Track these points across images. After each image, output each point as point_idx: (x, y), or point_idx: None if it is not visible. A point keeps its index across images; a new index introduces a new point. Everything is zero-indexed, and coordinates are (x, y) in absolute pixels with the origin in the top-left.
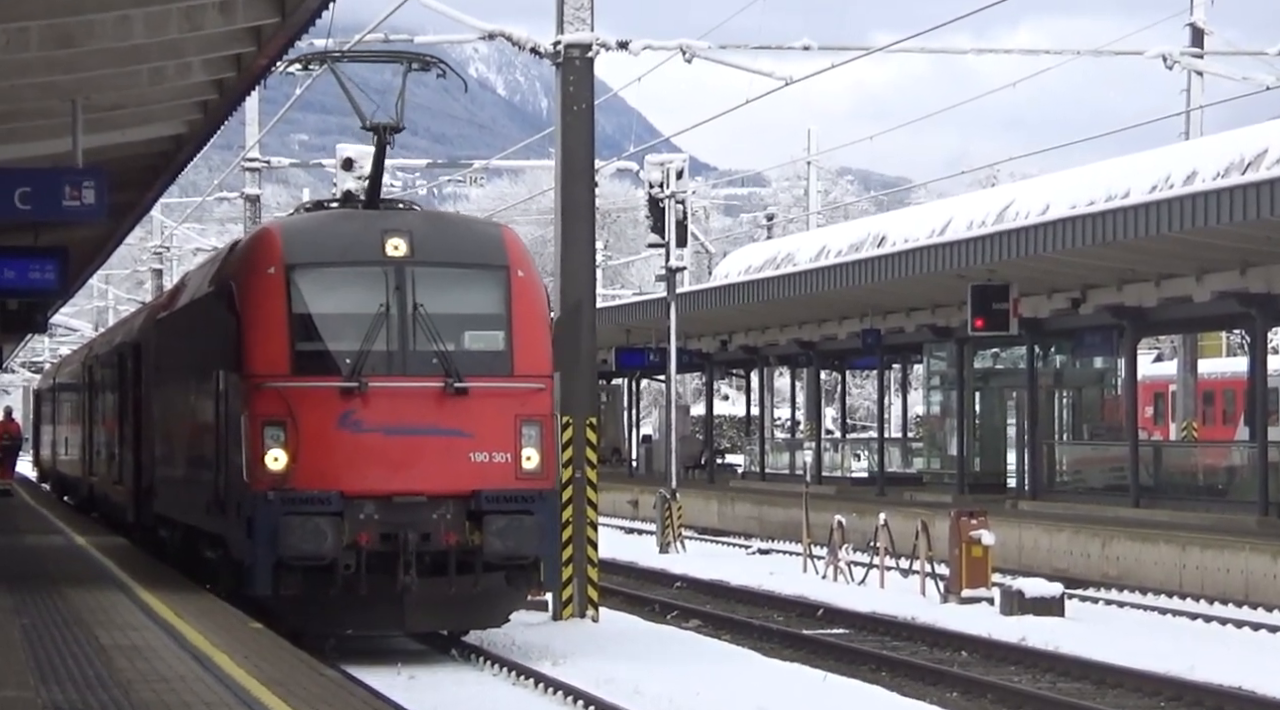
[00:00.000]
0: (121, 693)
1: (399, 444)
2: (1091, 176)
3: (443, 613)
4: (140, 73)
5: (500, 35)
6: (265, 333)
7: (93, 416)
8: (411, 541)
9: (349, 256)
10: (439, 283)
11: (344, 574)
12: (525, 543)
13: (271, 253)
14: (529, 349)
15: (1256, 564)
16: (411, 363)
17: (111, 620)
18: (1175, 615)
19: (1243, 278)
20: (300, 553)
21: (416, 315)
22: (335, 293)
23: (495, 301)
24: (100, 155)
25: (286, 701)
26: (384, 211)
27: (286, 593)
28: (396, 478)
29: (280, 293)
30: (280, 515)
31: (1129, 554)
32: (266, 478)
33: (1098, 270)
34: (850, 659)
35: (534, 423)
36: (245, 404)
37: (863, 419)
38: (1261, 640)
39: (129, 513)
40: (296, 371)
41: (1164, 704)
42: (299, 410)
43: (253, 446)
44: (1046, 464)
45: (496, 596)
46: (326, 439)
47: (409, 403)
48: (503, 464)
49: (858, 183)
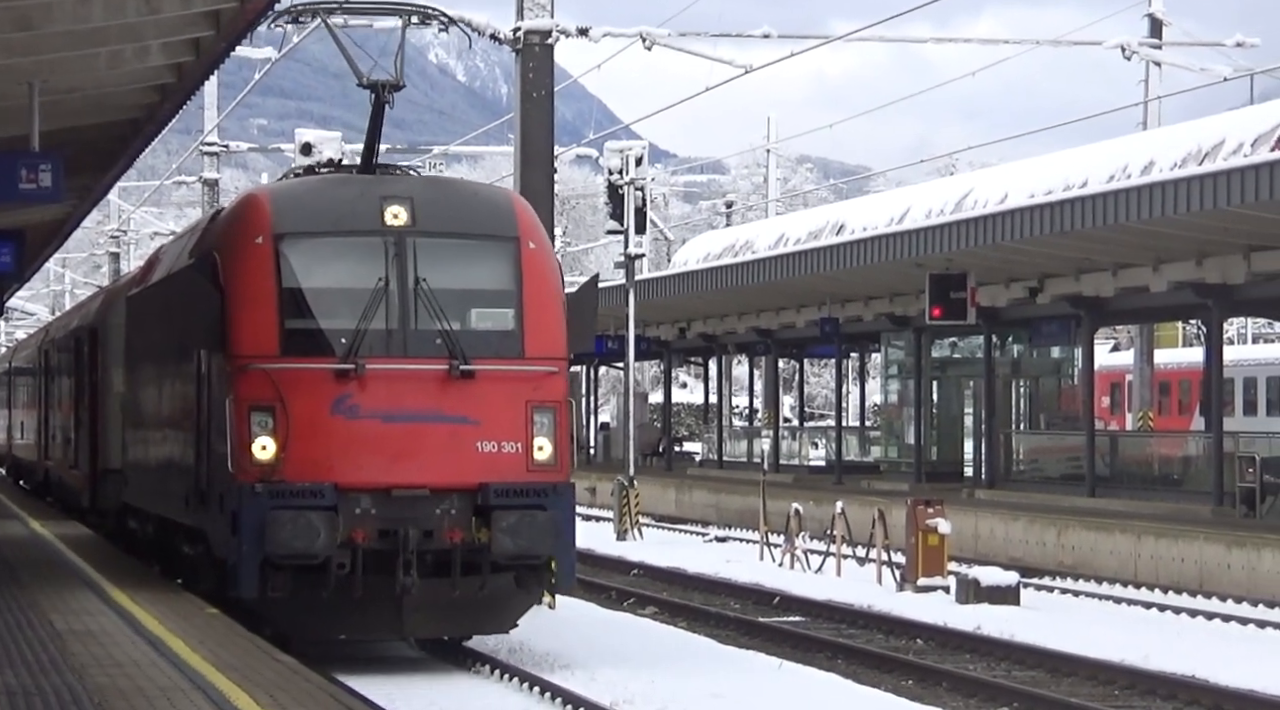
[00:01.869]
0: (75, 677)
1: (399, 432)
2: (1050, 166)
3: (445, 617)
4: (98, 56)
5: (462, 22)
6: (252, 309)
7: (48, 401)
8: (412, 539)
9: (344, 225)
10: (443, 255)
11: (338, 574)
12: (538, 541)
13: (259, 221)
14: (541, 328)
15: (1210, 554)
16: (413, 343)
17: (67, 605)
18: (1130, 604)
19: (1199, 268)
20: (290, 551)
21: (418, 290)
22: (329, 265)
23: (504, 276)
24: (57, 138)
25: (242, 687)
26: (381, 177)
27: (274, 595)
28: (396, 469)
29: (268, 265)
30: (268, 509)
31: (1084, 543)
32: (253, 468)
33: (1055, 260)
34: (806, 646)
35: (546, 409)
36: (230, 387)
37: (821, 407)
38: (1215, 629)
39: (84, 497)
40: (286, 352)
41: (1118, 693)
42: (289, 394)
43: (238, 434)
44: (1003, 453)
45: (504, 599)
46: (319, 426)
47: (410, 387)
48: (512, 455)
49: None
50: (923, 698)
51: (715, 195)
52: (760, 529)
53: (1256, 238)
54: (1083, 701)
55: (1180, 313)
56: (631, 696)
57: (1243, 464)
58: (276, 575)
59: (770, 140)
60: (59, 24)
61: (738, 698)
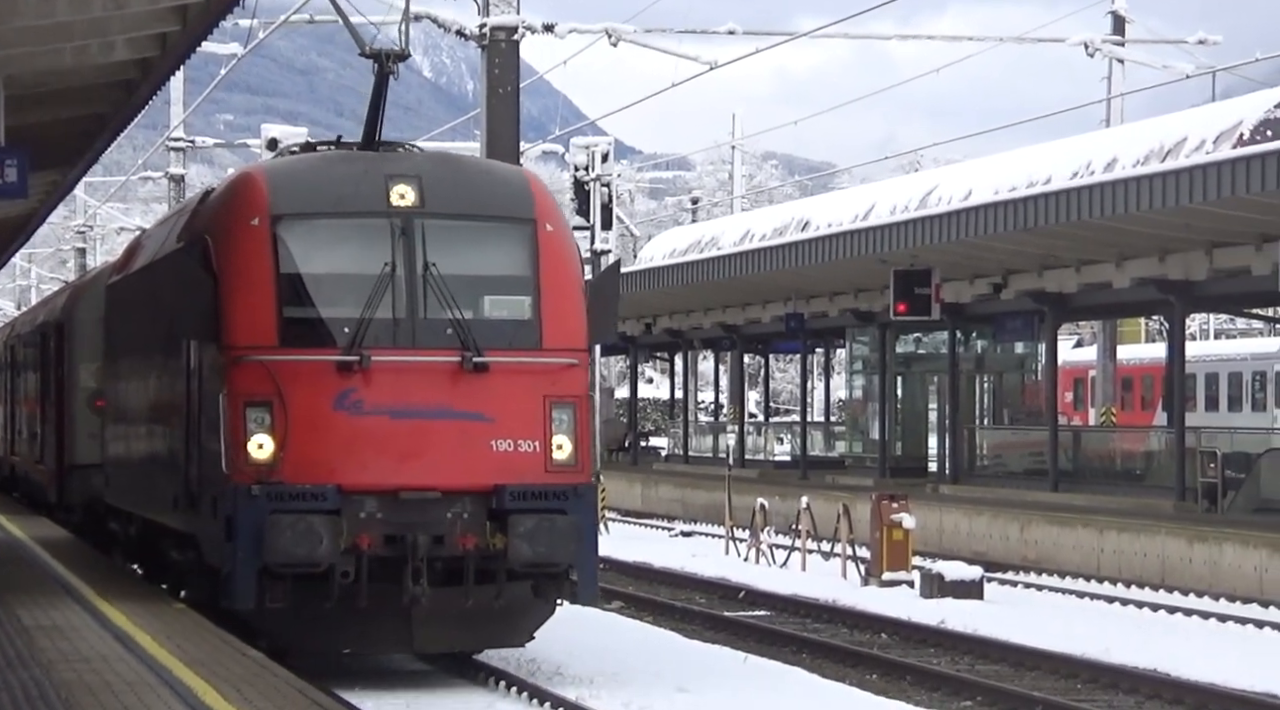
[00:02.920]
0: (43, 672)
1: (407, 429)
2: (1014, 163)
3: (457, 629)
4: (64, 51)
5: (426, 17)
6: (247, 296)
7: (14, 396)
8: (421, 545)
9: (347, 206)
10: (454, 238)
11: (341, 583)
12: (558, 548)
13: (255, 201)
14: (559, 318)
15: (1172, 548)
16: (421, 333)
17: (34, 600)
18: (1092, 598)
19: (1162, 264)
20: (290, 558)
21: (427, 276)
22: (331, 249)
23: (520, 261)
24: (23, 134)
25: (209, 682)
26: (385, 154)
27: (272, 606)
28: (404, 469)
29: (265, 249)
30: (266, 513)
31: (1047, 538)
32: (249, 469)
33: (1019, 256)
34: (771, 640)
35: (566, 405)
36: (224, 381)
37: (786, 403)
38: (1176, 623)
39: (51, 493)
40: (285, 342)
41: (1080, 686)
42: (288, 388)
43: (232, 431)
44: (967, 448)
45: (521, 610)
46: (321, 423)
47: (418, 380)
48: (530, 454)
49: (782, 167)
50: (887, 691)
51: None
52: (726, 524)
53: (1218, 234)
54: (1045, 695)
55: (1143, 309)
56: (597, 691)
57: (1204, 459)
58: (275, 585)
59: (735, 137)
60: (23, 19)
61: (703, 692)
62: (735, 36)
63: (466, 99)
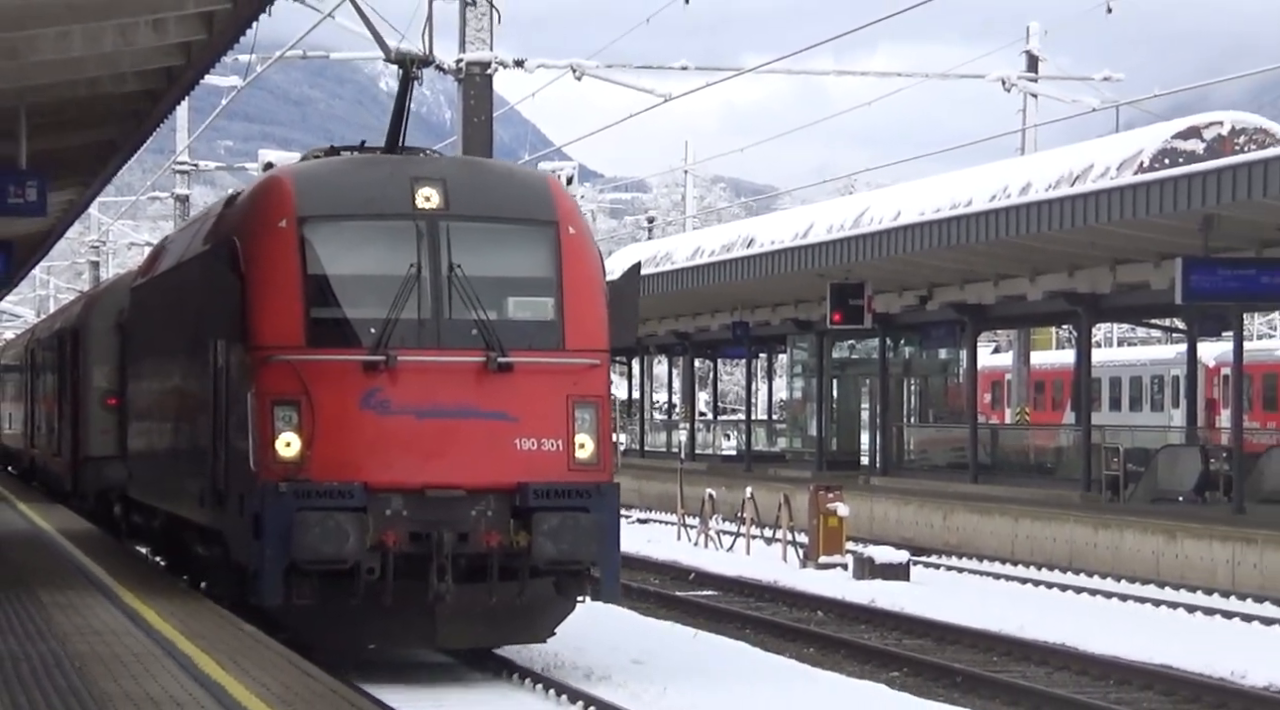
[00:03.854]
0: (59, 643)
1: (432, 428)
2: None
3: (480, 626)
4: (79, 83)
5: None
6: (275, 297)
7: (34, 395)
8: (446, 542)
9: (373, 208)
10: (478, 240)
11: (367, 580)
12: (581, 546)
13: (282, 204)
14: (582, 319)
15: (1079, 534)
16: (447, 333)
17: (52, 580)
18: (1008, 580)
19: (1071, 279)
20: (317, 555)
21: (453, 278)
22: (357, 251)
23: (543, 263)
24: (42, 157)
25: (208, 653)
26: (410, 157)
27: (299, 602)
28: (429, 468)
29: (293, 250)
30: (293, 511)
31: (968, 525)
32: (277, 467)
33: (943, 271)
34: (719, 617)
35: (588, 405)
36: (252, 380)
37: (732, 403)
38: (1083, 602)
39: (67, 483)
40: (312, 342)
41: (996, 659)
42: (315, 387)
43: (260, 430)
44: (896, 444)
45: (542, 607)
46: (347, 421)
47: (444, 380)
48: (553, 453)
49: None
50: (823, 663)
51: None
52: (678, 512)
53: (1121, 252)
54: (965, 666)
55: (1053, 319)
56: (561, 662)
57: (1108, 454)
58: (302, 582)
59: (687, 162)
60: (43, 54)
61: (657, 664)
62: (687, 72)
63: (444, 127)
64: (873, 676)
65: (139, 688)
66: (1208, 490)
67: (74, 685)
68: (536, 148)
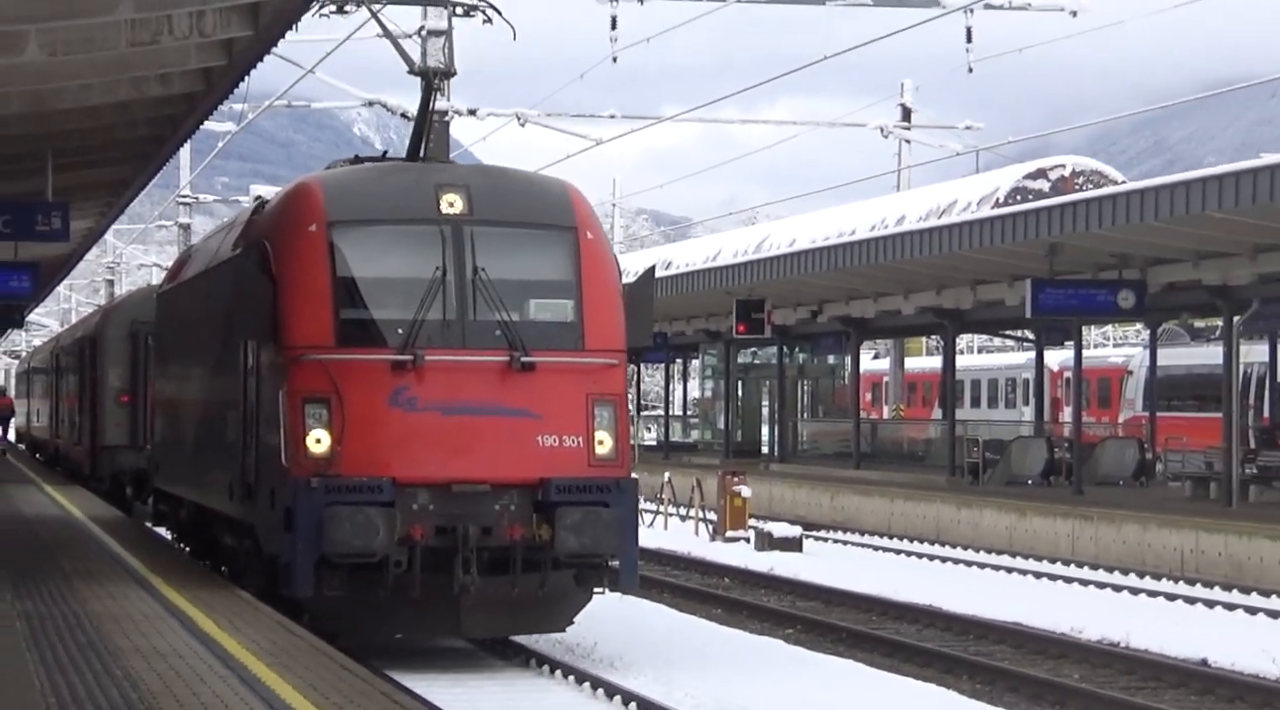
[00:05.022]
0: (79, 605)
1: (458, 425)
2: (828, 218)
3: (503, 615)
4: (98, 128)
5: (377, 103)
6: (305, 298)
7: (59, 393)
8: (472, 536)
9: (399, 213)
10: (501, 244)
11: (395, 572)
12: (602, 540)
13: (312, 209)
14: (600, 320)
15: (945, 512)
16: (471, 334)
17: (72, 551)
18: (885, 551)
19: (938, 296)
20: (348, 549)
21: (477, 280)
22: (385, 254)
23: (563, 267)
24: (65, 191)
25: (206, 614)
26: (433, 165)
27: (330, 594)
28: (455, 463)
29: (322, 253)
30: (324, 506)
31: (851, 504)
32: (308, 462)
33: (831, 289)
34: (640, 584)
35: (607, 402)
36: (283, 379)
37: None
38: (948, 570)
39: (85, 468)
40: (341, 342)
41: (875, 617)
42: (345, 386)
43: (292, 427)
44: (791, 436)
45: (562, 597)
46: (376, 419)
47: (469, 378)
48: (574, 449)
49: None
50: (729, 622)
51: None
52: None
53: (980, 274)
54: (849, 625)
55: (924, 330)
56: None
57: (969, 444)
58: (332, 574)
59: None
60: (66, 103)
61: (588, 625)
62: (615, 119)
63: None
64: (771, 633)
65: (147, 642)
66: (1052, 475)
67: (92, 640)
68: None
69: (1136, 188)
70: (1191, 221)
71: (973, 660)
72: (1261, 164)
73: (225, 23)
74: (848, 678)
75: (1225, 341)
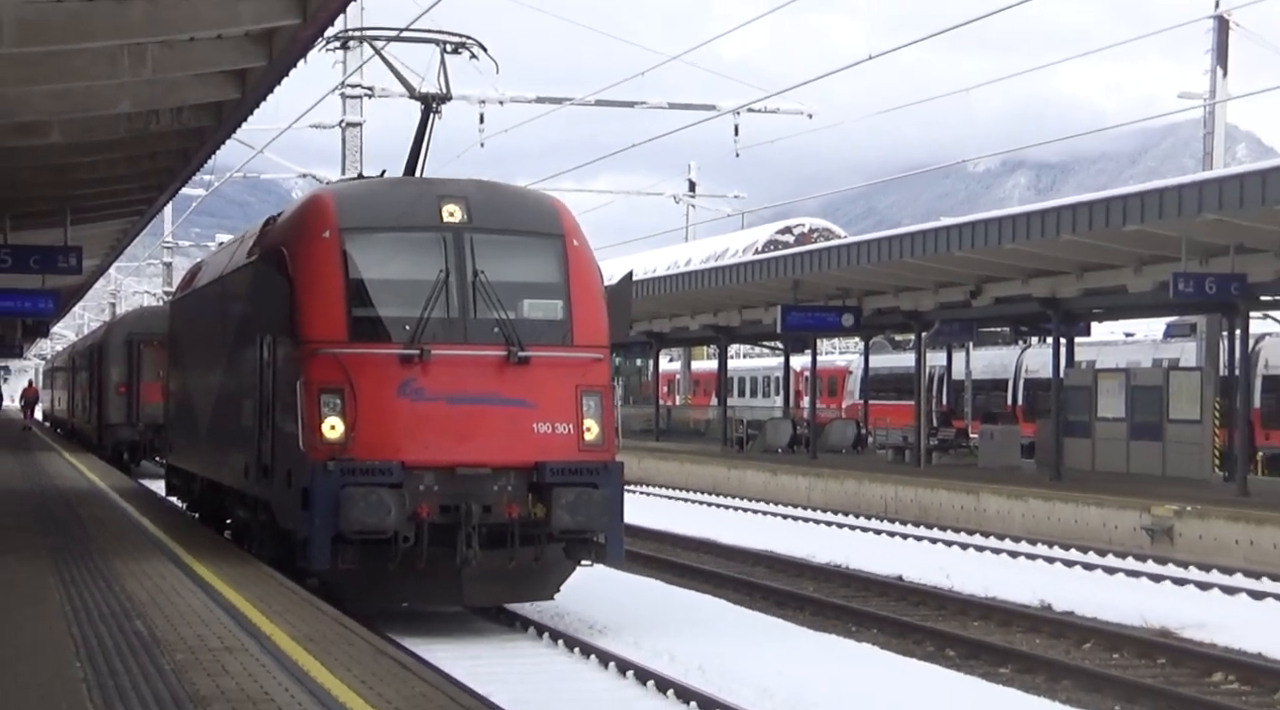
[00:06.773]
0: (89, 541)
1: (461, 413)
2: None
3: (500, 586)
4: (104, 192)
5: (310, 175)
6: (321, 298)
7: (74, 385)
8: (474, 514)
9: (405, 222)
10: (498, 250)
11: (403, 547)
12: (594, 517)
13: (326, 217)
14: (587, 319)
15: (719, 473)
16: (472, 330)
17: (90, 504)
18: (676, 500)
19: (715, 317)
20: (362, 526)
21: (476, 282)
22: (392, 258)
23: (553, 270)
24: (78, 236)
25: (208, 567)
26: (434, 179)
27: (343, 567)
28: (459, 448)
29: (336, 257)
30: (339, 487)
31: (652, 466)
32: (323, 447)
33: (640, 311)
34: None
35: (594, 393)
36: (301, 370)
37: None
38: (721, 513)
39: (94, 439)
40: (354, 338)
41: (669, 547)
42: (357, 377)
43: (309, 414)
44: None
45: (552, 569)
46: (386, 407)
47: (471, 371)
48: (565, 435)
49: None
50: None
51: None
52: None
53: (746, 301)
54: (647, 552)
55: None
56: None
57: (736, 423)
58: (346, 549)
59: None
60: (80, 174)
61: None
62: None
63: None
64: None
65: (139, 567)
66: (795, 445)
67: (98, 565)
68: None
69: (855, 241)
70: (892, 266)
71: (739, 578)
72: (940, 225)
73: (197, 116)
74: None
75: (916, 351)
